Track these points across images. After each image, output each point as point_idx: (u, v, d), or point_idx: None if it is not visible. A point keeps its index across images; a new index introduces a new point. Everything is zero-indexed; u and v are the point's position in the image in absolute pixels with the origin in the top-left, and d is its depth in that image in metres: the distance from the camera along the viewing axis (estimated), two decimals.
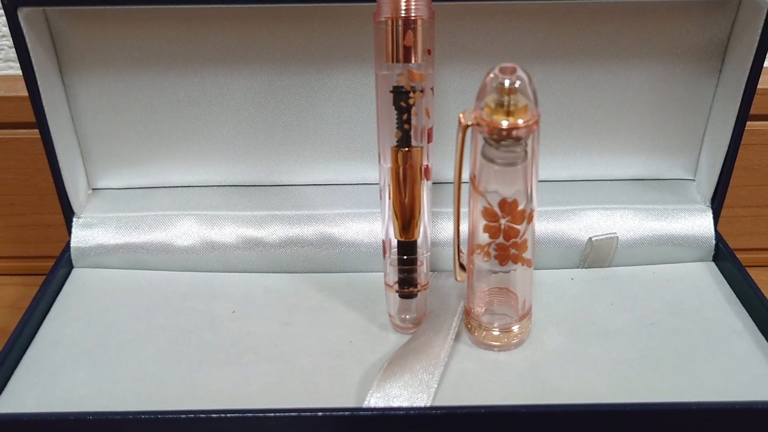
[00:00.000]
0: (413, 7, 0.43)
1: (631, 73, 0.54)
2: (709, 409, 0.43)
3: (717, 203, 0.56)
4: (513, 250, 0.45)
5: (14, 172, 0.61)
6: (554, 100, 0.55)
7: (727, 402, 0.44)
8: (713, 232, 0.56)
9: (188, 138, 0.57)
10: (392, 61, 0.44)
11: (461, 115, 0.43)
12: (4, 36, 0.57)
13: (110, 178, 0.59)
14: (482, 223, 0.45)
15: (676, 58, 0.54)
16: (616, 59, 0.54)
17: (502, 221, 0.45)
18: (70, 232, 0.56)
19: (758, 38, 0.49)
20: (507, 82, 0.41)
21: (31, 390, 0.46)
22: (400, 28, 0.43)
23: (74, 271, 0.56)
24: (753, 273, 0.59)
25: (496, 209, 0.44)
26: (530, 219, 0.45)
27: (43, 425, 0.43)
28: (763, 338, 0.50)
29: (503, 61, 0.49)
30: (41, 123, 0.52)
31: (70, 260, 0.56)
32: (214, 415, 0.42)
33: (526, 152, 0.43)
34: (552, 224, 0.56)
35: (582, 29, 0.53)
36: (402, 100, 0.44)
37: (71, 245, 0.56)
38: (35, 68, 0.50)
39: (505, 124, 0.41)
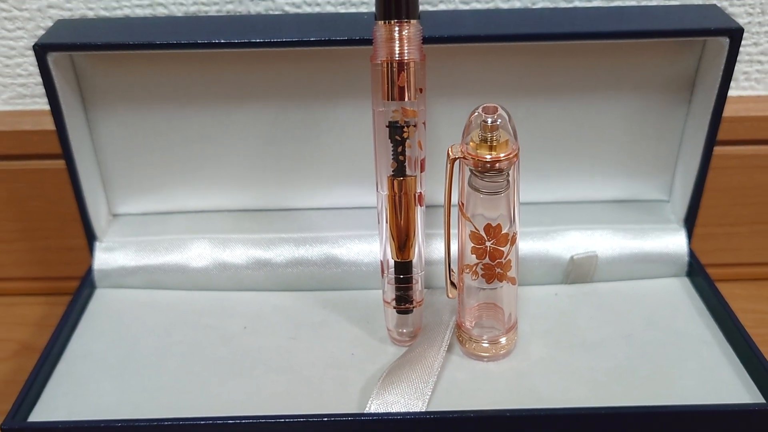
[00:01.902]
0: (406, 51, 0.45)
1: (609, 105, 0.56)
2: (679, 411, 0.46)
3: (690, 223, 0.58)
4: (498, 270, 0.48)
5: (39, 199, 0.63)
6: (539, 130, 0.57)
7: (695, 405, 0.47)
8: (687, 250, 0.58)
9: (201, 167, 0.59)
10: (388, 99, 0.46)
11: (450, 149, 0.46)
12: (30, 74, 0.59)
13: (129, 205, 0.61)
14: (470, 245, 0.48)
15: (649, 90, 0.56)
16: (595, 92, 0.56)
17: (488, 244, 0.47)
18: (92, 256, 0.58)
19: (721, 73, 0.51)
20: (489, 120, 0.44)
21: (63, 400, 0.49)
22: (395, 70, 0.45)
23: (97, 292, 0.58)
24: (727, 286, 0.62)
25: (482, 233, 0.47)
26: (513, 241, 0.47)
27: None
28: (729, 347, 0.52)
29: (490, 95, 0.54)
30: (67, 155, 0.54)
31: (93, 281, 0.58)
32: (229, 421, 0.45)
33: (508, 181, 0.46)
34: (537, 243, 0.58)
35: (562, 66, 0.55)
36: (397, 134, 0.47)
37: (94, 268, 0.58)
38: (62, 105, 0.52)
39: (488, 157, 0.45)
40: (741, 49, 0.55)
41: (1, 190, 0.62)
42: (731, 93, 0.58)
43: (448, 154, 0.46)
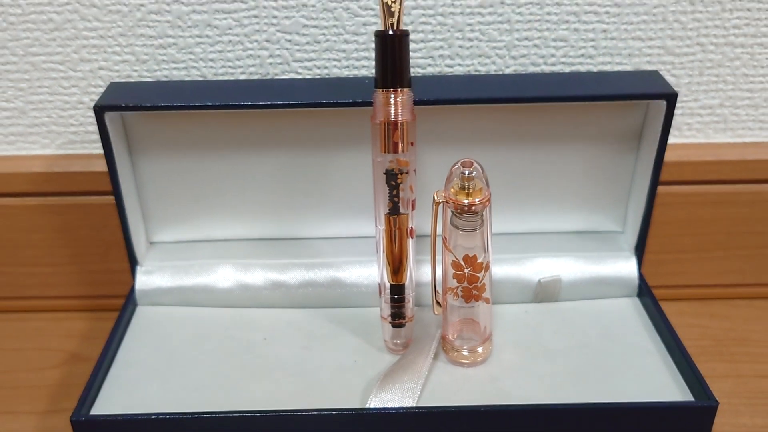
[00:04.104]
0: (400, 113, 0.50)
1: (571, 152, 0.60)
2: (624, 408, 0.51)
3: (639, 251, 0.62)
4: (475, 291, 0.53)
5: (85, 229, 0.66)
6: (512, 172, 0.61)
7: (637, 402, 0.52)
8: (637, 274, 0.62)
9: (226, 203, 0.62)
10: (385, 152, 0.51)
11: (435, 194, 0.52)
12: (80, 124, 0.64)
13: (165, 234, 0.64)
14: (452, 271, 0.53)
15: (604, 140, 0.60)
16: (559, 142, 0.60)
17: (466, 270, 0.52)
18: (134, 278, 0.62)
19: (661, 126, 0.56)
20: (467, 172, 0.50)
21: (117, 398, 0.54)
22: (391, 129, 0.50)
23: (138, 309, 0.62)
24: (676, 304, 0.68)
25: (461, 262, 0.52)
26: (487, 268, 0.53)
27: (131, 424, 0.50)
28: (668, 356, 0.56)
29: (470, 145, 0.58)
30: (116, 192, 0.58)
31: (135, 300, 0.62)
32: (256, 414, 0.50)
33: (482, 220, 0.51)
34: (509, 268, 0.62)
35: (532, 121, 0.59)
36: (392, 180, 0.51)
37: (136, 288, 0.62)
38: (114, 152, 0.57)
39: (466, 202, 0.50)
40: (683, 104, 0.62)
41: (54, 221, 0.65)
42: (676, 141, 0.65)
43: (433, 198, 0.52)
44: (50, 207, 0.66)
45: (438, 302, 0.56)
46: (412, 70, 0.58)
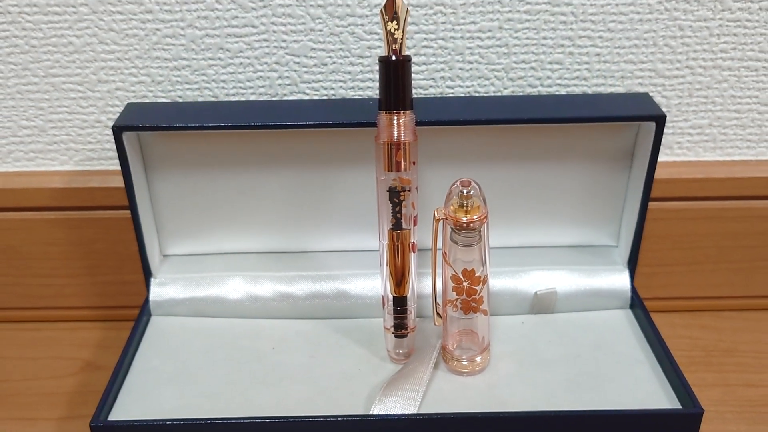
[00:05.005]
0: (402, 134, 0.52)
1: (566, 170, 0.62)
2: (614, 415, 0.53)
3: (632, 264, 0.63)
4: (473, 304, 0.54)
5: (101, 242, 0.68)
6: (510, 190, 0.63)
7: (627, 410, 0.53)
8: (629, 287, 0.63)
9: (237, 217, 0.64)
10: (388, 170, 0.52)
11: (435, 212, 0.53)
12: (97, 142, 0.66)
13: (178, 248, 0.66)
14: (451, 284, 0.54)
15: (598, 159, 0.61)
16: (555, 161, 0.61)
17: (465, 283, 0.54)
18: (148, 289, 0.63)
19: (651, 146, 0.58)
20: (465, 191, 0.51)
21: (134, 404, 0.55)
22: (393, 149, 0.52)
23: (153, 319, 0.63)
24: (667, 316, 0.69)
25: (460, 276, 0.54)
26: (484, 281, 0.54)
27: (148, 429, 0.52)
28: (658, 366, 0.58)
29: (469, 164, 0.60)
30: (132, 207, 0.60)
31: (149, 310, 0.63)
32: (267, 420, 0.51)
33: (480, 236, 0.53)
34: (507, 281, 0.63)
35: (529, 141, 0.60)
36: (395, 197, 0.53)
37: (150, 299, 0.63)
38: (130, 169, 0.58)
39: (464, 219, 0.51)
40: (674, 124, 0.64)
41: (71, 234, 0.67)
42: (668, 159, 0.67)
43: (434, 215, 0.53)
44: (68, 221, 0.68)
45: (438, 314, 0.58)
46: (414, 90, 0.61)
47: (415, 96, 0.53)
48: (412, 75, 0.53)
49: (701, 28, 0.62)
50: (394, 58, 0.51)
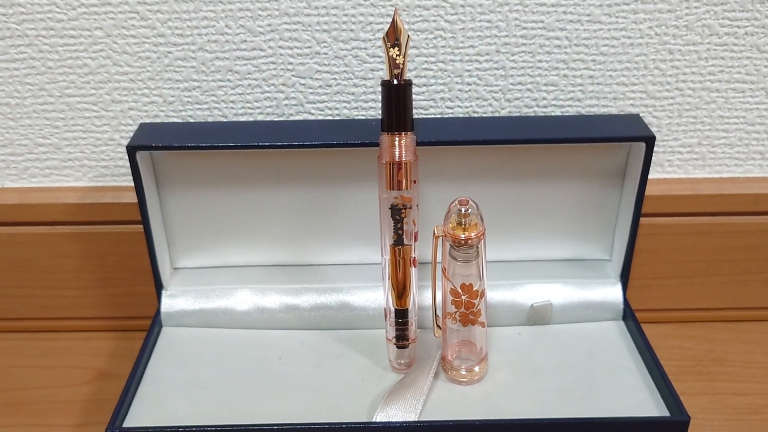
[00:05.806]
0: (404, 154, 0.53)
1: (560, 187, 0.63)
2: (605, 422, 0.54)
3: (624, 277, 0.65)
4: (471, 316, 0.56)
5: (114, 255, 0.69)
6: (508, 206, 0.64)
7: (617, 417, 0.55)
8: (622, 299, 0.65)
9: (245, 232, 0.65)
10: (390, 189, 0.54)
11: (435, 229, 0.55)
12: (111, 159, 0.67)
13: (188, 261, 0.67)
14: (450, 298, 0.56)
15: (592, 177, 0.63)
16: (550, 178, 0.63)
17: (463, 297, 0.55)
18: (159, 301, 0.64)
19: (642, 165, 0.59)
20: (463, 210, 0.53)
21: (147, 412, 0.56)
22: (395, 168, 0.53)
23: (164, 330, 0.64)
24: (659, 327, 0.71)
25: (459, 290, 0.55)
26: (482, 295, 0.56)
27: None
28: (648, 375, 0.59)
29: (468, 182, 0.62)
30: (144, 222, 0.61)
31: (161, 321, 0.64)
32: (274, 427, 0.52)
33: (477, 252, 0.54)
34: (504, 293, 0.64)
35: (525, 159, 0.62)
36: (397, 214, 0.54)
37: (161, 311, 0.64)
38: (143, 186, 0.60)
39: (462, 236, 0.53)
40: (665, 143, 0.66)
41: (84, 248, 0.69)
42: (659, 176, 0.69)
43: (433, 232, 0.55)
44: (82, 235, 0.69)
45: (438, 325, 0.59)
46: (415, 111, 0.63)
47: (415, 116, 0.55)
48: (413, 96, 0.55)
49: (690, 51, 0.64)
50: (395, 82, 0.52)
